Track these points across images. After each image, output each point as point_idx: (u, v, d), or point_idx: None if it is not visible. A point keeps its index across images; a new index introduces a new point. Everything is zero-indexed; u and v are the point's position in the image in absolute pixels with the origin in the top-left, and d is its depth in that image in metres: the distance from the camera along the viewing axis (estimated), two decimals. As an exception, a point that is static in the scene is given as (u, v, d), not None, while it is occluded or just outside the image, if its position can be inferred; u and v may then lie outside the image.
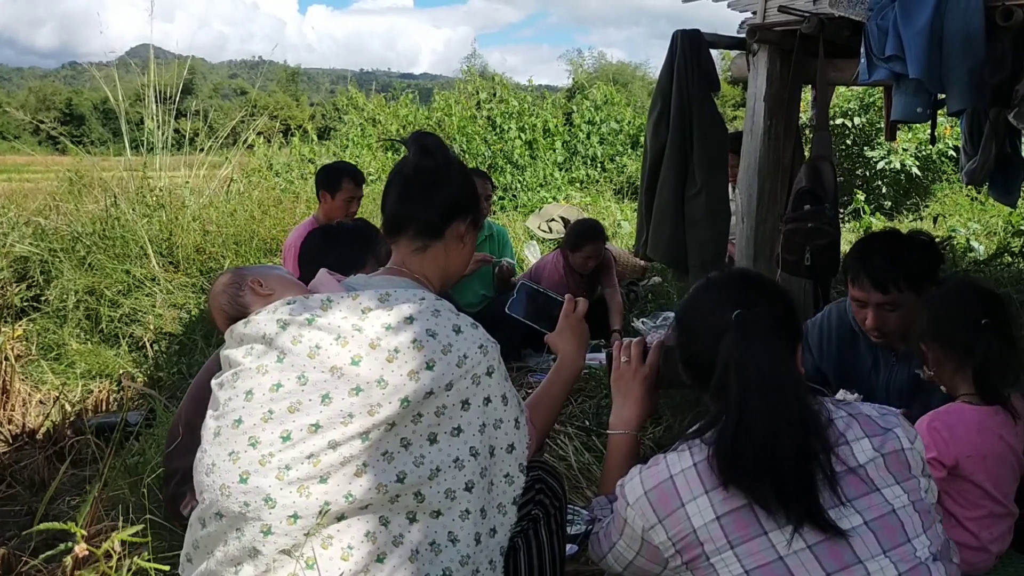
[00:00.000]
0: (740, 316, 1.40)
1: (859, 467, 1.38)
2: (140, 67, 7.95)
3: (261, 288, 2.24)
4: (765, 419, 1.34)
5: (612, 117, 13.74)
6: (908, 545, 1.36)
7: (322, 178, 4.27)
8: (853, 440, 1.40)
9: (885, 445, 1.41)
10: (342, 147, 12.68)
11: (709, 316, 1.48)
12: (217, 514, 1.47)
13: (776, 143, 3.51)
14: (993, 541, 1.86)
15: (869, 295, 2.22)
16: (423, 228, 1.72)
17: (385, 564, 1.46)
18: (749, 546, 1.33)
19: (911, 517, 1.38)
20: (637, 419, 1.79)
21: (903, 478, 1.40)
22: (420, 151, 1.73)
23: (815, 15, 3.06)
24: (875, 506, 1.36)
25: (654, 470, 1.44)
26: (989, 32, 2.61)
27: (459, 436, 1.53)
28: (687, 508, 1.37)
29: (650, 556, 1.46)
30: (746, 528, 1.34)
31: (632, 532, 1.46)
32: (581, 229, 4.99)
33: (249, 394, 1.50)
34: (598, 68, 27.42)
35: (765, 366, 1.37)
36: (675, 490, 1.39)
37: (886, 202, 10.36)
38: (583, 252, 4.85)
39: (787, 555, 1.32)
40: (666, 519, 1.40)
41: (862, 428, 1.42)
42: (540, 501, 1.74)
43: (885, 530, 1.35)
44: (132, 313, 5.14)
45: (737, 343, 1.39)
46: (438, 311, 1.58)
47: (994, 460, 1.84)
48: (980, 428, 1.84)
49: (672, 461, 1.42)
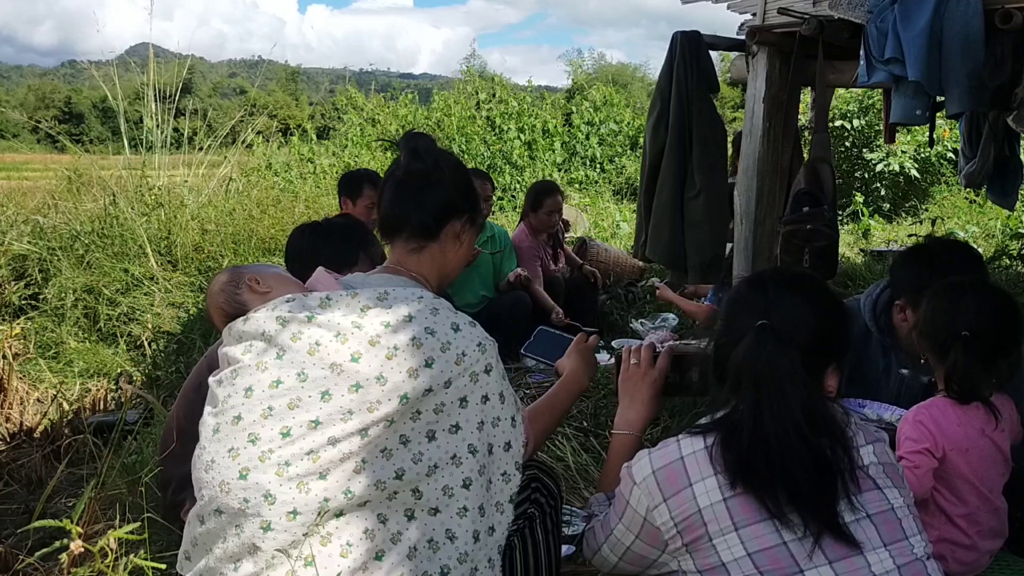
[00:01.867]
0: (762, 327, 1.42)
1: (864, 467, 1.42)
2: (139, 66, 7.94)
3: (259, 286, 2.24)
4: (776, 429, 1.36)
5: (611, 118, 13.76)
6: (906, 542, 1.39)
7: (344, 185, 4.31)
8: (859, 446, 1.45)
9: (882, 455, 1.47)
10: (341, 147, 12.69)
11: (740, 313, 1.49)
12: (216, 511, 1.47)
13: (775, 145, 3.51)
14: (984, 538, 1.87)
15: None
16: (417, 230, 1.73)
17: (383, 562, 1.46)
18: (754, 529, 1.35)
19: (907, 518, 1.42)
20: (642, 421, 1.81)
21: (899, 485, 1.46)
22: (410, 154, 1.75)
23: (815, 17, 3.06)
24: (877, 501, 1.40)
25: (664, 451, 1.46)
26: (988, 35, 2.61)
27: (457, 433, 1.54)
28: (694, 488, 1.39)
29: (650, 539, 1.47)
30: (752, 512, 1.36)
31: (634, 514, 1.48)
32: (538, 188, 5.25)
33: (249, 391, 1.50)
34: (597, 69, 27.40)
35: (774, 379, 1.38)
36: (684, 470, 1.41)
37: (885, 204, 10.37)
38: (545, 208, 5.06)
39: (790, 540, 1.34)
40: (671, 498, 1.41)
41: (864, 436, 1.47)
42: (536, 500, 1.75)
43: (886, 525, 1.39)
44: (130, 312, 5.13)
45: (751, 352, 1.40)
46: (436, 309, 1.59)
47: (977, 454, 1.86)
48: (961, 422, 1.87)
49: (684, 444, 1.45)
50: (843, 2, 2.96)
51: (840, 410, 1.45)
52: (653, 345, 1.85)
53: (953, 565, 1.84)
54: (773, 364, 1.39)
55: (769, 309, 1.45)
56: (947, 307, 1.93)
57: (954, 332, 1.86)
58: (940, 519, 1.86)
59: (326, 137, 14.41)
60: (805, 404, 1.38)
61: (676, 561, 1.45)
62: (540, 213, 5.07)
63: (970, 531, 1.86)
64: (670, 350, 1.83)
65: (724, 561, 1.36)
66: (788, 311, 1.45)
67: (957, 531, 1.85)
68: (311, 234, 2.79)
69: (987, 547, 1.89)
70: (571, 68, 24.78)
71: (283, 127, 16.90)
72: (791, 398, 1.37)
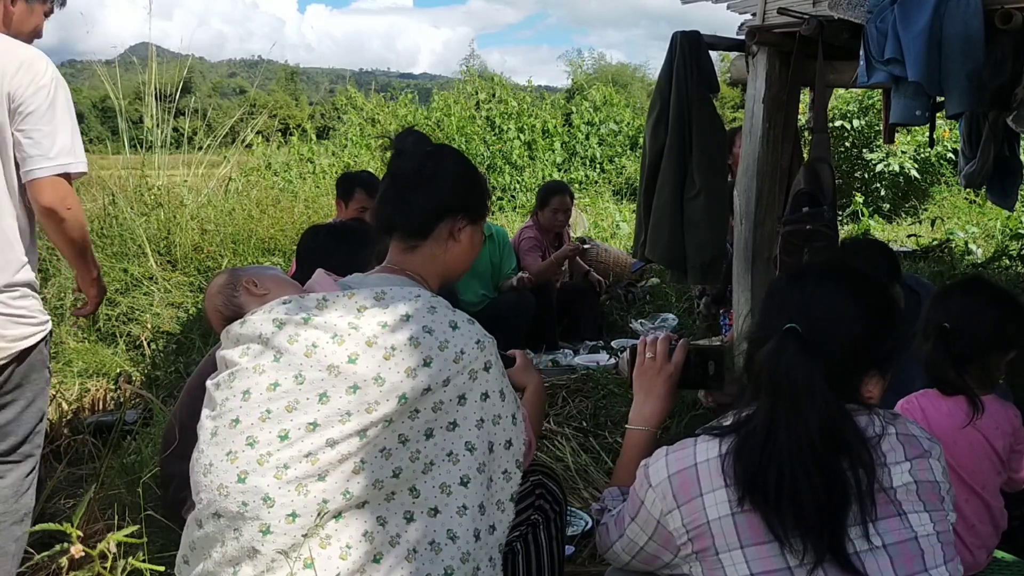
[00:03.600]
0: (787, 332, 1.34)
1: (890, 488, 1.33)
2: (140, 65, 7.93)
3: (256, 288, 2.24)
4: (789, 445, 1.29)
5: (611, 118, 13.75)
6: (925, 574, 1.31)
7: (338, 186, 4.35)
8: (892, 463, 1.34)
9: (921, 473, 1.36)
10: (341, 147, 12.68)
11: (774, 312, 1.43)
12: (215, 514, 1.47)
13: (775, 145, 3.50)
14: (975, 536, 1.87)
15: None
16: (408, 229, 1.73)
17: (381, 564, 1.46)
18: (759, 550, 1.31)
19: (934, 547, 1.33)
20: (657, 416, 1.76)
21: (933, 508, 1.35)
22: (397, 154, 1.76)
23: (814, 17, 3.06)
24: (897, 530, 1.32)
25: (681, 454, 1.41)
26: (988, 35, 2.60)
27: (454, 430, 1.53)
28: (704, 499, 1.35)
29: (663, 541, 1.44)
30: (759, 531, 1.31)
31: (647, 515, 1.44)
32: (546, 187, 5.47)
33: (246, 394, 1.50)
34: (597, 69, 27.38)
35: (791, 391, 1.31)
36: (696, 478, 1.37)
37: (884, 205, 10.37)
38: (552, 205, 5.17)
39: (796, 567, 1.28)
40: (684, 505, 1.38)
41: (905, 451, 1.36)
42: (540, 507, 1.74)
43: (903, 556, 1.30)
44: (130, 312, 5.13)
45: (771, 358, 1.34)
46: (434, 308, 1.58)
47: (965, 447, 1.87)
48: (949, 413, 1.89)
49: (700, 448, 1.39)
50: (843, 2, 2.95)
51: (877, 422, 1.36)
52: (669, 338, 1.79)
53: None
54: (791, 375, 1.31)
55: (804, 309, 1.38)
56: (936, 299, 2.04)
57: (936, 323, 1.93)
58: None
59: (326, 137, 14.40)
60: (824, 420, 1.29)
61: (687, 566, 1.41)
62: (546, 211, 5.18)
63: (959, 527, 1.84)
64: (686, 343, 1.79)
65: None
66: (826, 312, 1.37)
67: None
68: (327, 236, 2.79)
69: (979, 545, 1.88)
70: (571, 68, 24.82)
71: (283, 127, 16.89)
72: (808, 413, 1.29)
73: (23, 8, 2.32)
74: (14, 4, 2.30)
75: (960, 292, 2.05)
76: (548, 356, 4.52)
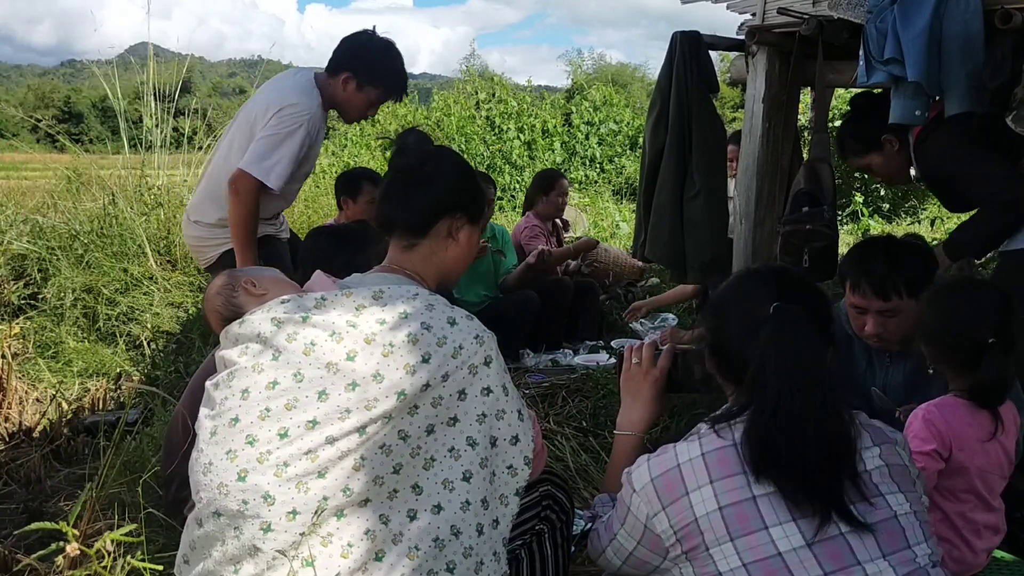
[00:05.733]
0: (778, 308, 1.41)
1: (864, 472, 1.39)
2: (139, 65, 7.92)
3: (255, 289, 2.24)
4: (798, 412, 1.34)
5: (611, 118, 13.77)
6: (908, 551, 1.36)
7: (342, 185, 4.34)
8: (863, 448, 1.42)
9: (890, 457, 1.44)
10: (341, 146, 12.69)
11: (745, 305, 1.49)
12: (215, 513, 1.47)
13: (775, 145, 3.51)
14: (980, 538, 1.87)
15: (870, 302, 2.22)
16: (406, 227, 1.74)
17: (383, 562, 1.46)
18: (748, 539, 1.34)
19: (912, 525, 1.39)
20: (645, 422, 1.81)
21: (907, 489, 1.43)
22: (399, 151, 1.77)
23: (814, 17, 3.06)
24: (878, 510, 1.37)
25: (662, 458, 1.45)
26: (988, 35, 2.61)
27: (455, 426, 1.53)
28: (691, 496, 1.38)
29: (651, 546, 1.46)
30: (747, 521, 1.35)
31: (635, 521, 1.47)
32: (547, 173, 5.42)
33: (245, 393, 1.50)
34: (597, 69, 27.39)
35: (802, 360, 1.37)
36: (681, 478, 1.40)
37: (884, 205, 10.38)
38: (556, 190, 5.16)
39: (786, 551, 1.32)
40: (670, 506, 1.41)
41: (872, 438, 1.45)
42: (547, 517, 1.74)
43: (886, 534, 1.36)
44: (130, 311, 5.12)
45: (775, 335, 1.39)
46: (432, 305, 1.59)
47: (983, 454, 1.86)
48: (971, 421, 1.86)
49: (681, 450, 1.43)
50: (843, 2, 2.95)
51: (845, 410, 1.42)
52: (655, 344, 1.84)
53: (950, 564, 1.83)
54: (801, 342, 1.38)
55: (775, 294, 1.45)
56: (966, 314, 1.87)
57: (981, 340, 1.80)
58: (936, 516, 1.85)
59: (325, 136, 14.39)
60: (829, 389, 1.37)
61: (677, 568, 1.43)
62: (552, 195, 5.15)
63: (966, 530, 1.85)
64: (671, 348, 1.83)
65: (721, 571, 1.35)
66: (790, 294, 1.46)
67: (952, 531, 1.85)
68: (329, 239, 2.79)
69: (983, 546, 1.89)
70: (571, 68, 24.80)
71: (282, 127, 16.83)
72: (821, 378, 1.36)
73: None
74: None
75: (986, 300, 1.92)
76: (548, 356, 4.52)
